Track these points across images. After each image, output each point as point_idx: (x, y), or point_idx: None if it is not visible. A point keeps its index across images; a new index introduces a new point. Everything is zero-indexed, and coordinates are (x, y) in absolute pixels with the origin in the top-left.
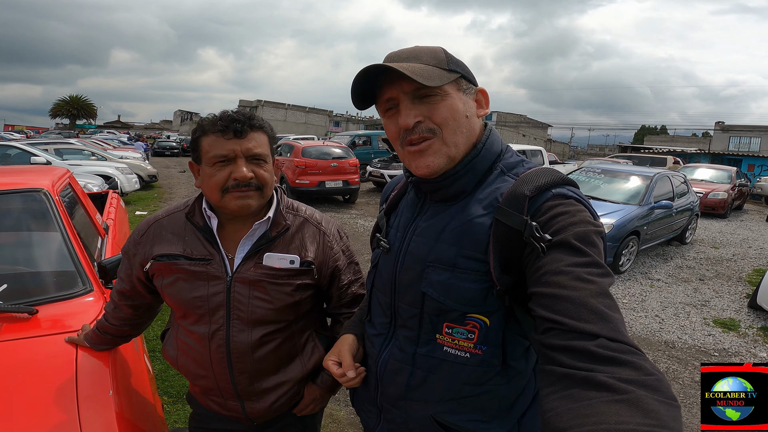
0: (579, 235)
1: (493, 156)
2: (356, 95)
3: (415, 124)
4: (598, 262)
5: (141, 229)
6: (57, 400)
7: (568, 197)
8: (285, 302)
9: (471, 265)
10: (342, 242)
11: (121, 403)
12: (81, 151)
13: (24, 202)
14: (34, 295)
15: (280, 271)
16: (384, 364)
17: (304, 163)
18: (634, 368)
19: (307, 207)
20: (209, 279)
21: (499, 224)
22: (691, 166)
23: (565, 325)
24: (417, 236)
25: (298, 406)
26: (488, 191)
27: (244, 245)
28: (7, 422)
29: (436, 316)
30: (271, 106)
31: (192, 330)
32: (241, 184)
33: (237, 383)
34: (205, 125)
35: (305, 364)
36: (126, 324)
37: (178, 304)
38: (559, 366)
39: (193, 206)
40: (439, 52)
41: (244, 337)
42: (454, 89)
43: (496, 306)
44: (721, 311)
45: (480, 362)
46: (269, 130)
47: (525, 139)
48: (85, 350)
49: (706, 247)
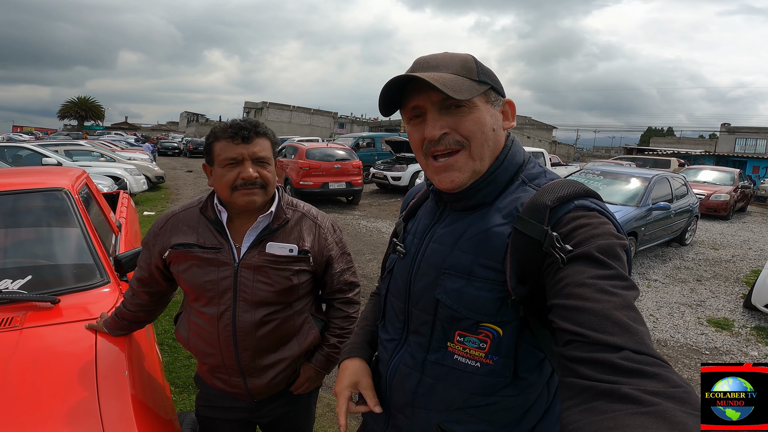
0: (602, 247)
1: (515, 167)
2: (385, 101)
3: (441, 136)
4: (622, 274)
5: (160, 222)
6: (79, 380)
7: (591, 209)
8: (284, 285)
9: (487, 273)
10: (335, 234)
11: (135, 383)
12: (90, 152)
13: (46, 201)
14: (56, 286)
15: (280, 258)
16: (394, 370)
17: (308, 164)
18: (660, 380)
19: (305, 204)
20: (219, 265)
21: (519, 234)
22: (694, 168)
23: (587, 337)
24: (434, 242)
25: (294, 384)
26: (508, 201)
27: (250, 236)
28: (34, 400)
29: (449, 324)
30: (276, 108)
31: (203, 311)
32: (248, 183)
33: (241, 359)
34: (218, 132)
35: (301, 343)
36: (142, 310)
37: (191, 287)
38: (581, 378)
39: (206, 202)
40: (470, 61)
41: (248, 317)
42: (482, 101)
43: (510, 316)
44: (716, 311)
45: (490, 372)
46: (272, 136)
47: (530, 141)
48: (103, 336)
49: (705, 249)
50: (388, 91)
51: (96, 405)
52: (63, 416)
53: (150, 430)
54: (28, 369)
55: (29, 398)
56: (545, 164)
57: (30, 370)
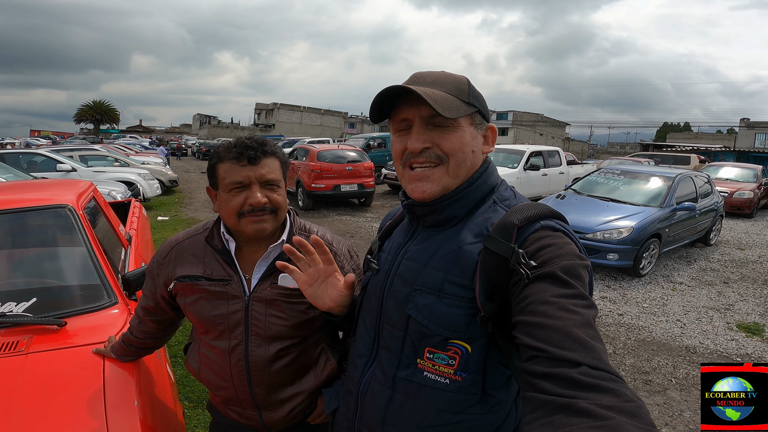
0: (566, 268)
1: (488, 188)
2: (375, 109)
3: (422, 150)
4: (583, 294)
5: (163, 251)
6: (87, 409)
7: (556, 230)
8: (299, 319)
9: (456, 290)
10: (353, 261)
11: (145, 412)
12: (105, 157)
13: (50, 218)
14: (62, 308)
15: (294, 290)
16: (366, 386)
17: (319, 167)
18: (614, 395)
19: (319, 228)
20: (228, 298)
21: (488, 252)
22: (716, 165)
23: (548, 352)
24: (407, 260)
25: (311, 415)
26: (480, 220)
27: (260, 267)
28: (40, 430)
29: (419, 340)
30: (287, 109)
31: (213, 345)
32: (256, 209)
33: (255, 394)
34: (221, 152)
35: (319, 376)
36: (149, 337)
37: (199, 321)
38: (541, 393)
39: (212, 230)
40: (462, 82)
41: (261, 352)
42: (467, 122)
43: (478, 333)
44: (746, 315)
45: (459, 389)
46: (281, 155)
47: (542, 138)
48: (111, 361)
49: (731, 249)
50: (381, 99)
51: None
52: None
53: None
54: (34, 396)
55: (34, 428)
56: (561, 162)
57: (36, 397)
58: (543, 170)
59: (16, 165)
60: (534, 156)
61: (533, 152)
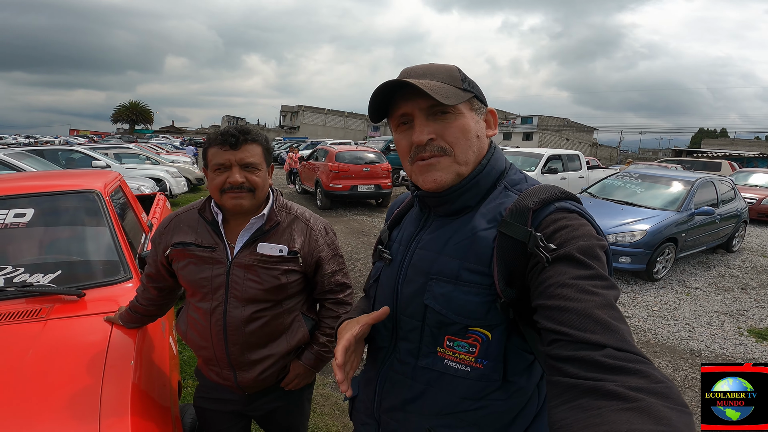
0: (583, 248)
1: (497, 173)
2: (373, 108)
3: (427, 141)
4: (602, 274)
5: (165, 222)
6: (88, 367)
7: (572, 211)
8: (272, 284)
9: (474, 278)
10: (327, 237)
11: (139, 371)
12: (137, 155)
13: (79, 201)
14: (83, 281)
15: (270, 257)
16: (384, 377)
17: (337, 167)
18: (642, 376)
19: (300, 207)
20: (213, 263)
21: (504, 237)
22: (746, 171)
23: (570, 336)
24: (420, 249)
25: (284, 380)
26: (492, 206)
27: (243, 236)
28: (43, 384)
29: (438, 329)
30: (311, 111)
31: (198, 306)
32: (234, 187)
33: (230, 353)
34: (210, 139)
35: (290, 340)
36: (152, 304)
37: (188, 283)
38: (566, 377)
39: (204, 204)
40: (454, 70)
41: (238, 313)
42: (467, 108)
43: (498, 320)
44: (759, 321)
45: (480, 376)
46: (263, 142)
47: (569, 143)
48: (118, 328)
49: (754, 256)
50: (377, 96)
51: (98, 390)
52: (66, 399)
53: (145, 415)
54: (45, 357)
55: (39, 383)
56: (582, 166)
57: (46, 357)
58: (562, 174)
59: (54, 161)
60: (553, 159)
61: (552, 156)
